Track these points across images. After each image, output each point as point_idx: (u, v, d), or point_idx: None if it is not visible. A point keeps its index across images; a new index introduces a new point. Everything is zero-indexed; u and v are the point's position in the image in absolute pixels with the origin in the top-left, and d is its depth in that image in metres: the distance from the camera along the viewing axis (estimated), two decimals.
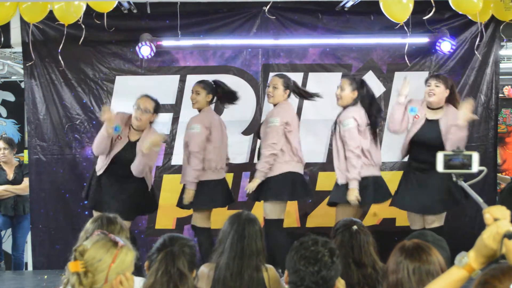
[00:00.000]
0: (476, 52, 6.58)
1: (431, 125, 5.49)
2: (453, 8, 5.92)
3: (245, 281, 3.40)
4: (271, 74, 6.65)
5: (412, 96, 5.63)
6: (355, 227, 3.54)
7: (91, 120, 6.62)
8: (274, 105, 5.70)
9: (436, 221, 5.47)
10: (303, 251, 2.74)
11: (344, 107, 5.57)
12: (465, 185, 2.28)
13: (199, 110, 5.78)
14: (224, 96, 5.89)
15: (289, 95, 5.72)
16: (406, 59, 6.50)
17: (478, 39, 6.55)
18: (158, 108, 5.72)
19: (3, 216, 7.15)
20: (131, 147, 5.55)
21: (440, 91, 5.45)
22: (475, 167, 2.25)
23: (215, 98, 5.86)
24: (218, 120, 5.84)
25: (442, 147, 5.36)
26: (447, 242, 3.31)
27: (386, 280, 2.68)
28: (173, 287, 2.85)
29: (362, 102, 5.54)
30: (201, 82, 5.84)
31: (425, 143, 5.46)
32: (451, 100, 5.52)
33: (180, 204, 5.79)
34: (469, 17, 6.28)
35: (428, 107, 5.54)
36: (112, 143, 5.55)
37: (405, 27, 6.16)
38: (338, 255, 2.76)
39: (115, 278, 2.49)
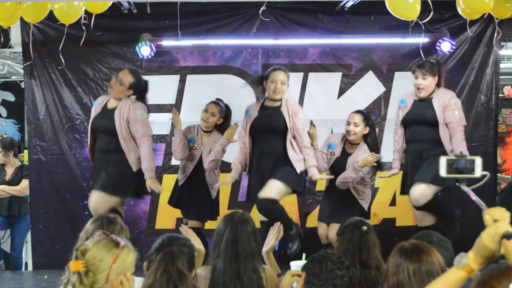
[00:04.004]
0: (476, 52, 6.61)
1: (422, 104, 5.49)
2: (464, 7, 5.92)
3: (245, 284, 3.40)
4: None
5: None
6: (365, 227, 3.54)
7: None
8: (271, 99, 5.55)
9: (426, 220, 5.45)
10: (331, 256, 2.92)
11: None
12: (466, 188, 2.29)
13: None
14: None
15: None
16: (422, 54, 6.46)
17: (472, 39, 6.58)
18: (136, 85, 5.61)
19: (0, 216, 7.16)
20: (107, 113, 5.58)
21: (428, 83, 5.45)
22: (478, 171, 2.25)
23: None
24: None
25: (434, 123, 5.36)
26: None
27: (387, 282, 2.68)
28: (173, 287, 2.85)
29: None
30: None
31: (416, 120, 5.48)
32: (439, 83, 5.53)
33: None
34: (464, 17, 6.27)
35: None
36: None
37: (420, 22, 6.14)
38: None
39: (115, 278, 2.50)
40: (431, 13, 6.06)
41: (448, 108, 5.38)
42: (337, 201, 5.72)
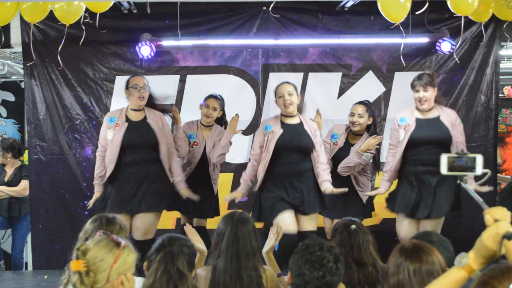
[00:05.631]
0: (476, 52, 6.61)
1: (430, 122, 5.37)
2: (451, 9, 5.94)
3: (245, 282, 3.40)
4: (272, 75, 6.66)
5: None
6: (353, 226, 3.55)
7: (91, 120, 6.63)
8: (285, 114, 5.45)
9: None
10: (309, 256, 2.73)
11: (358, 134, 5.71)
12: (467, 187, 2.29)
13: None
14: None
15: None
16: (402, 59, 6.48)
17: (480, 38, 6.57)
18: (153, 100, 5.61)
19: (1, 217, 7.15)
20: (140, 126, 5.43)
21: (430, 95, 5.34)
22: (479, 169, 2.26)
23: None
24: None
25: (447, 143, 5.27)
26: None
27: (387, 282, 2.68)
28: (173, 287, 2.85)
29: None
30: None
31: (428, 140, 5.31)
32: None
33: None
34: (470, 17, 6.28)
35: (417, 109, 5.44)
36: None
37: (401, 27, 6.16)
38: (342, 261, 2.76)
39: (116, 278, 2.51)
40: (414, 14, 6.06)
41: (455, 128, 5.32)
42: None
